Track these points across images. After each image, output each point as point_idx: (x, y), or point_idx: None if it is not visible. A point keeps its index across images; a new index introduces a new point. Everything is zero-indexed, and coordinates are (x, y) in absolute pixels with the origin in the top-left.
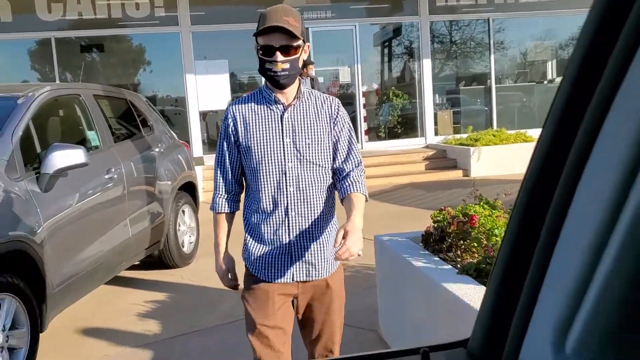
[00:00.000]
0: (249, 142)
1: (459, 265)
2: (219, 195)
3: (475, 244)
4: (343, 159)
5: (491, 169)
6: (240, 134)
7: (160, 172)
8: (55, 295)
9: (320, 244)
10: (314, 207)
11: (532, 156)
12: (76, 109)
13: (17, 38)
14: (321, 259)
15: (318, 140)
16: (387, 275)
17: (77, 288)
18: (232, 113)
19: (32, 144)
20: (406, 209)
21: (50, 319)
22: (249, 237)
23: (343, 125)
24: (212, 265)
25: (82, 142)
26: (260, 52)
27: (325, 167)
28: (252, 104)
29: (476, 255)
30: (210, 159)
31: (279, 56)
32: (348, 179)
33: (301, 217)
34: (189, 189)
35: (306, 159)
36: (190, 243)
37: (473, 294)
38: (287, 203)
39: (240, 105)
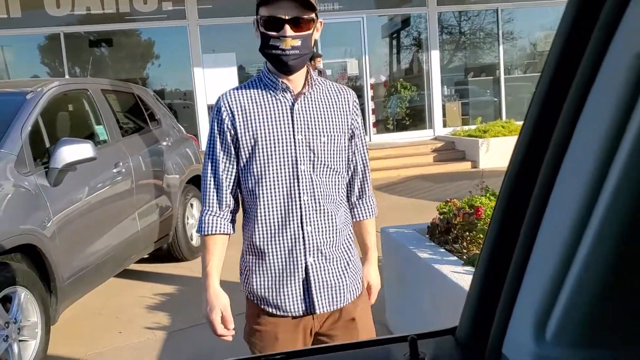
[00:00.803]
0: (252, 140)
1: (464, 257)
2: (210, 213)
3: (481, 235)
4: (356, 169)
5: (500, 161)
6: (239, 131)
7: (168, 166)
8: (66, 288)
9: (343, 261)
10: (332, 218)
11: (514, 151)
12: (84, 103)
13: (26, 33)
14: (345, 281)
15: (334, 139)
16: (394, 266)
17: (86, 281)
18: (226, 105)
19: (41, 138)
20: (414, 200)
21: (61, 312)
22: (252, 261)
23: (360, 127)
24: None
25: (91, 136)
26: (263, 25)
27: (340, 172)
28: (252, 91)
29: (479, 246)
30: None
31: (288, 30)
32: (361, 200)
33: (319, 231)
34: (197, 182)
35: (320, 161)
36: (196, 240)
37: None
38: (302, 215)
39: (236, 95)
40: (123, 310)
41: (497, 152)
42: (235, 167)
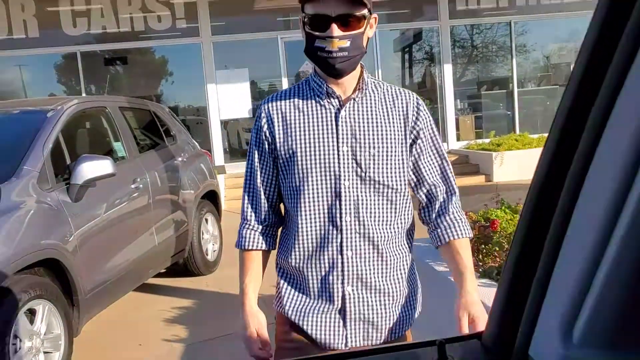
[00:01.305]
0: (290, 151)
1: (480, 270)
2: (248, 227)
3: (497, 248)
4: (432, 182)
5: (514, 174)
6: (278, 140)
7: (184, 181)
8: (87, 301)
9: (386, 296)
10: (378, 244)
11: (539, 160)
12: (103, 121)
13: (44, 53)
14: (385, 317)
15: (387, 152)
16: None
17: (107, 294)
18: (266, 111)
19: (62, 155)
20: None
21: (83, 324)
22: (285, 280)
23: (427, 132)
24: (236, 273)
25: (109, 152)
26: (308, 24)
27: (398, 190)
28: (296, 98)
29: (498, 259)
30: (232, 167)
31: (336, 30)
32: (446, 217)
33: (361, 258)
34: (212, 197)
35: (370, 177)
36: (214, 251)
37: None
38: (342, 238)
39: (278, 101)
40: (142, 323)
41: (511, 166)
42: (275, 178)
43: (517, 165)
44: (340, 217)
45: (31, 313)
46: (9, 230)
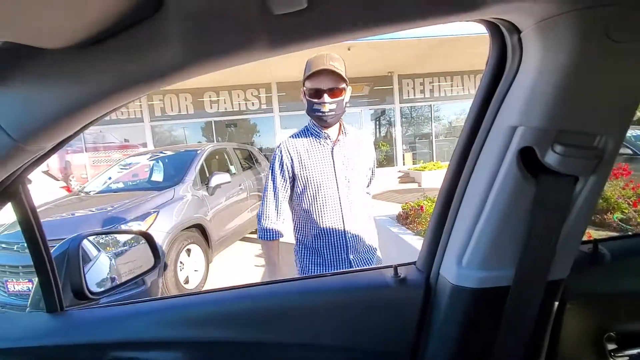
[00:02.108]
0: (306, 176)
1: (415, 231)
2: (271, 222)
3: (424, 221)
4: (369, 184)
5: (433, 183)
6: (296, 170)
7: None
8: (216, 245)
9: (369, 254)
10: (363, 226)
11: (446, 172)
12: (224, 155)
13: (195, 121)
14: (368, 255)
15: (361, 170)
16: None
17: (225, 241)
18: (286, 149)
19: (204, 172)
20: (388, 203)
21: (213, 257)
22: (306, 255)
23: (372, 159)
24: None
25: (228, 170)
26: (308, 94)
27: (364, 186)
28: (304, 140)
29: (424, 226)
30: None
31: (327, 98)
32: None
33: (356, 236)
34: None
35: (354, 187)
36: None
37: (420, 244)
38: (345, 225)
39: (294, 142)
40: (241, 256)
41: (431, 178)
42: (288, 192)
43: (434, 178)
44: (342, 212)
45: (188, 251)
46: (179, 209)
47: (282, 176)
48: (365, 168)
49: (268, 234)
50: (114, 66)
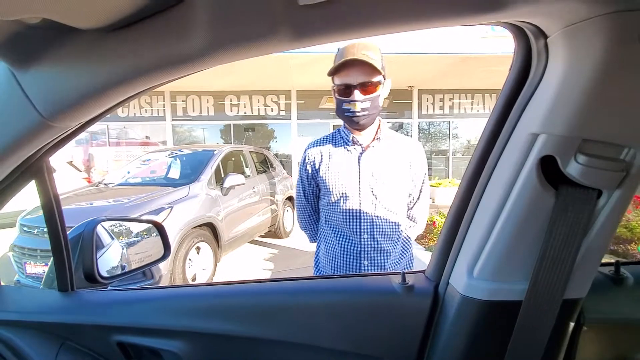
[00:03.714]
0: (327, 183)
1: (426, 246)
2: (311, 230)
3: (435, 237)
4: (413, 205)
5: (447, 200)
6: (317, 175)
7: (277, 189)
8: (225, 245)
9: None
10: (387, 256)
11: (462, 178)
12: (240, 157)
13: (215, 123)
14: None
15: (396, 186)
16: None
17: (235, 242)
18: (310, 157)
19: (219, 172)
20: None
21: (222, 257)
22: (323, 262)
23: (421, 172)
24: (302, 238)
25: (242, 172)
26: (337, 92)
27: (400, 215)
28: (330, 145)
29: (435, 242)
30: None
31: (358, 94)
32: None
33: (374, 266)
34: (291, 199)
35: (382, 205)
36: (288, 228)
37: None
38: (361, 251)
39: (318, 147)
40: (250, 258)
41: (446, 195)
42: (314, 193)
43: (449, 195)
44: (360, 235)
45: (198, 248)
46: (192, 207)
47: (308, 181)
48: (406, 183)
49: (313, 239)
50: (140, 51)
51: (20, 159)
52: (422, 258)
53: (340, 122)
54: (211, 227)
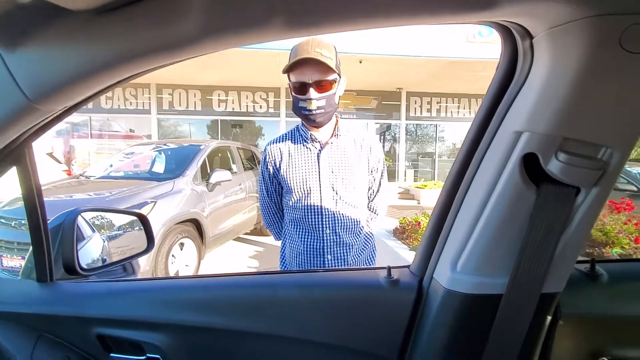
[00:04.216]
0: (287, 181)
1: (410, 246)
2: (276, 228)
3: (420, 237)
4: (374, 197)
5: (432, 201)
6: (278, 173)
7: None
8: (210, 242)
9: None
10: (349, 249)
11: (448, 175)
12: (227, 153)
13: (202, 118)
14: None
15: (356, 181)
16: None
17: (219, 239)
18: (270, 155)
19: (206, 167)
20: (386, 217)
21: (206, 254)
22: (288, 258)
23: (379, 165)
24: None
25: (229, 168)
26: (293, 90)
27: (361, 208)
28: (289, 142)
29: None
30: None
31: (313, 92)
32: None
33: (338, 260)
34: None
35: (343, 200)
36: None
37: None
38: (324, 246)
39: (277, 145)
40: (233, 255)
41: (431, 197)
42: (277, 192)
43: (434, 197)
44: (322, 230)
45: (181, 244)
46: (176, 202)
47: (270, 180)
48: (365, 177)
49: (278, 236)
50: (130, 34)
51: (2, 142)
52: (407, 257)
53: None
54: (196, 223)
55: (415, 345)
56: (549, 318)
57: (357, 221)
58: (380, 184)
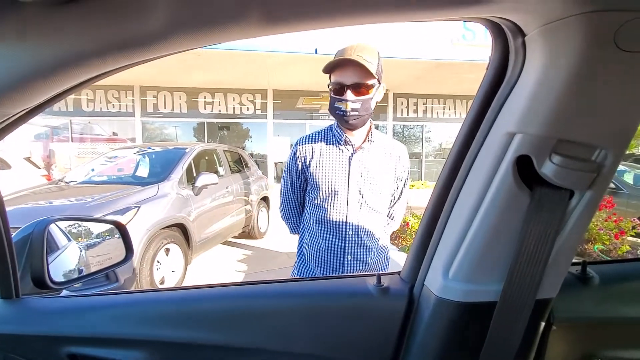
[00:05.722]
0: (315, 180)
1: (400, 246)
2: (294, 223)
3: (409, 237)
4: (394, 204)
5: (420, 201)
6: (307, 171)
7: (252, 190)
8: (196, 246)
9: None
10: (370, 252)
11: (438, 178)
12: (214, 156)
13: (188, 121)
14: None
15: (382, 187)
16: None
17: (207, 244)
18: (301, 151)
19: (191, 171)
20: None
21: (192, 259)
22: (308, 257)
23: (405, 174)
24: (276, 239)
25: (216, 172)
26: (332, 90)
27: (382, 214)
28: (322, 142)
29: (409, 242)
30: (277, 186)
31: (349, 95)
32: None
33: (357, 260)
34: (266, 199)
35: (368, 205)
36: (263, 229)
37: (404, 260)
38: (345, 245)
39: (310, 144)
40: (222, 260)
41: (418, 197)
42: (303, 188)
43: (422, 196)
44: (345, 232)
45: (167, 250)
46: (162, 206)
47: (297, 175)
48: (391, 184)
49: (296, 231)
50: (89, 30)
51: None
52: (396, 258)
53: (315, 125)
54: (182, 228)
55: (407, 354)
56: (543, 324)
57: (378, 226)
58: (402, 192)
